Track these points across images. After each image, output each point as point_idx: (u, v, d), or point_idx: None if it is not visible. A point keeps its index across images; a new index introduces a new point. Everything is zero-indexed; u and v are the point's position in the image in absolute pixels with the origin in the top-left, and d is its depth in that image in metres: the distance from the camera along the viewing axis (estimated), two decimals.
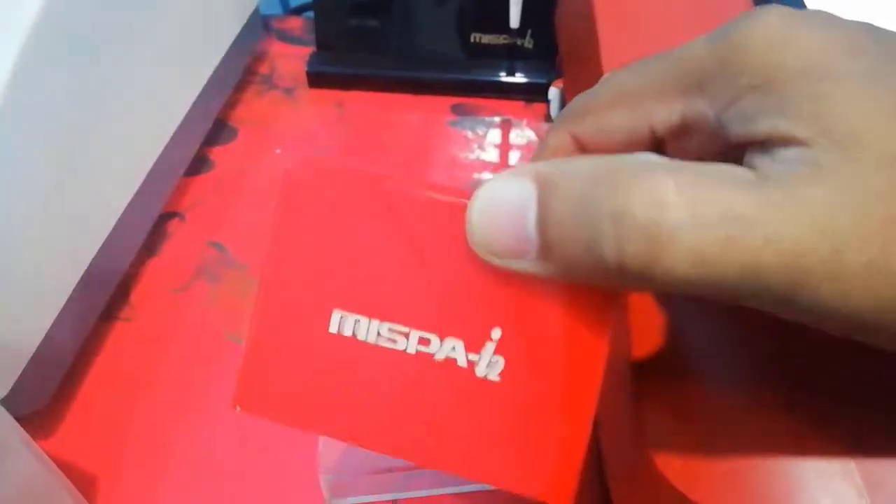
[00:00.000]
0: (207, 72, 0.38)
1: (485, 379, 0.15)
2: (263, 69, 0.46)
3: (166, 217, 0.36)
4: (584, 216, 0.12)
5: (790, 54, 0.13)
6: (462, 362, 0.15)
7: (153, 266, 0.34)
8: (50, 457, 0.22)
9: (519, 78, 0.43)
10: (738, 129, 0.14)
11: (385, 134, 0.41)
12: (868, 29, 0.14)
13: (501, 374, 0.14)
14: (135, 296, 0.32)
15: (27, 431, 0.21)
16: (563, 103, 0.39)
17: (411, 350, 0.15)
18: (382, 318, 0.15)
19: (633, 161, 0.13)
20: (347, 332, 0.15)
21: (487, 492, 0.25)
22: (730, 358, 0.19)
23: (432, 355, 0.15)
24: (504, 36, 0.43)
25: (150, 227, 0.34)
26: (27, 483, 0.21)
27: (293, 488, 0.26)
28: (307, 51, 0.45)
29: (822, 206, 0.12)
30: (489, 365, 0.14)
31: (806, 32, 0.13)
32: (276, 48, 0.48)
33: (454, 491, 0.25)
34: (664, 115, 0.15)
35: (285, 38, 0.49)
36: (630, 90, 0.16)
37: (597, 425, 0.24)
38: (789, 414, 0.18)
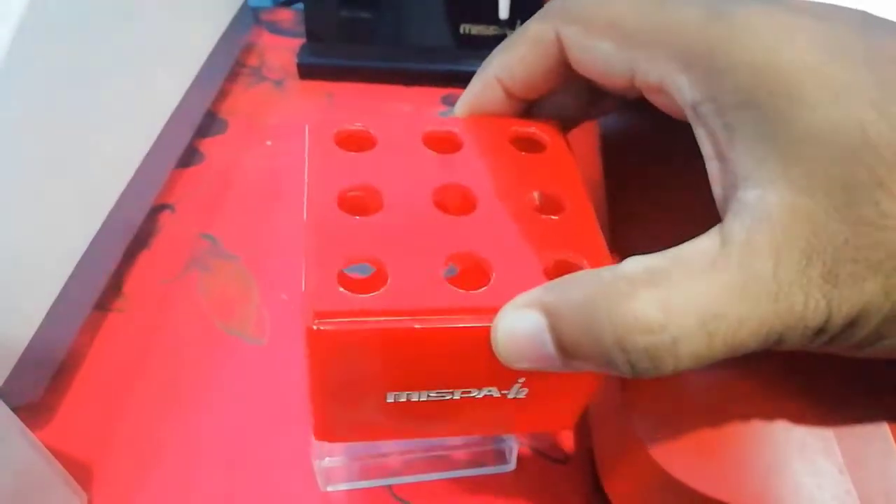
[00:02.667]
0: (197, 64, 0.38)
1: (515, 398, 0.18)
2: (253, 61, 0.46)
3: (157, 209, 0.36)
4: (594, 342, 0.14)
5: (779, 77, 0.14)
6: (497, 395, 0.18)
7: (145, 258, 0.34)
8: (45, 446, 0.23)
9: None
10: (719, 138, 0.15)
11: None
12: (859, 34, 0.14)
13: (527, 394, 0.18)
14: (127, 287, 0.33)
15: (23, 421, 0.22)
16: None
17: (457, 397, 0.17)
18: (430, 389, 0.17)
19: (618, 284, 0.14)
20: (402, 399, 0.17)
21: (477, 476, 0.26)
22: None
23: (473, 396, 0.18)
24: (493, 27, 0.43)
25: (141, 220, 0.34)
26: (23, 471, 0.21)
27: (287, 476, 0.26)
28: (297, 42, 0.46)
29: (773, 280, 0.13)
30: (517, 392, 0.18)
31: (799, 48, 0.14)
32: (266, 40, 0.48)
33: (446, 476, 0.26)
34: (644, 76, 0.16)
35: (275, 29, 0.49)
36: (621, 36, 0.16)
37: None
38: (772, 391, 0.18)
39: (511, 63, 0.18)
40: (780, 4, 0.14)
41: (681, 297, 0.13)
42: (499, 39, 0.43)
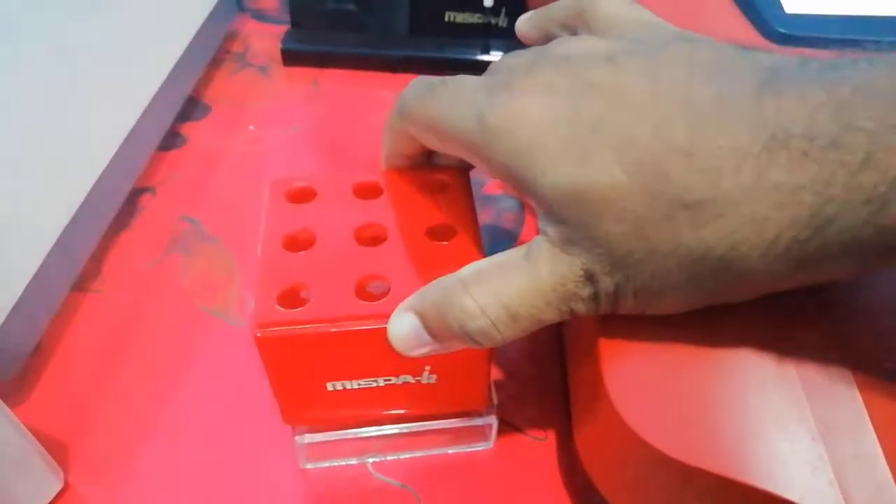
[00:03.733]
0: (179, 50, 0.38)
1: (428, 384, 0.23)
2: (237, 48, 0.46)
3: (138, 192, 0.36)
4: (448, 329, 0.19)
5: (519, 155, 0.19)
6: (412, 381, 0.23)
7: (125, 239, 0.34)
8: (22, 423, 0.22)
9: (493, 56, 0.43)
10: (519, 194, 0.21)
11: (360, 112, 0.41)
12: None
13: (436, 379, 0.23)
14: (106, 269, 0.32)
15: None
16: None
17: (381, 384, 0.23)
18: (357, 378, 0.22)
19: (454, 286, 0.19)
20: (339, 388, 0.22)
21: (456, 454, 0.26)
22: None
23: (394, 383, 0.23)
24: (478, 15, 0.43)
25: (121, 202, 0.34)
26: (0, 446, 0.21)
27: (267, 454, 0.26)
28: (282, 29, 0.45)
29: (551, 276, 0.19)
30: (428, 378, 0.22)
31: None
32: (251, 27, 0.48)
33: (426, 454, 0.26)
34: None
35: (260, 17, 0.49)
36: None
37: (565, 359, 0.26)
38: (745, 358, 0.18)
39: (393, 145, 0.24)
40: (522, 92, 0.19)
41: (493, 291, 0.19)
42: (483, 27, 0.44)
